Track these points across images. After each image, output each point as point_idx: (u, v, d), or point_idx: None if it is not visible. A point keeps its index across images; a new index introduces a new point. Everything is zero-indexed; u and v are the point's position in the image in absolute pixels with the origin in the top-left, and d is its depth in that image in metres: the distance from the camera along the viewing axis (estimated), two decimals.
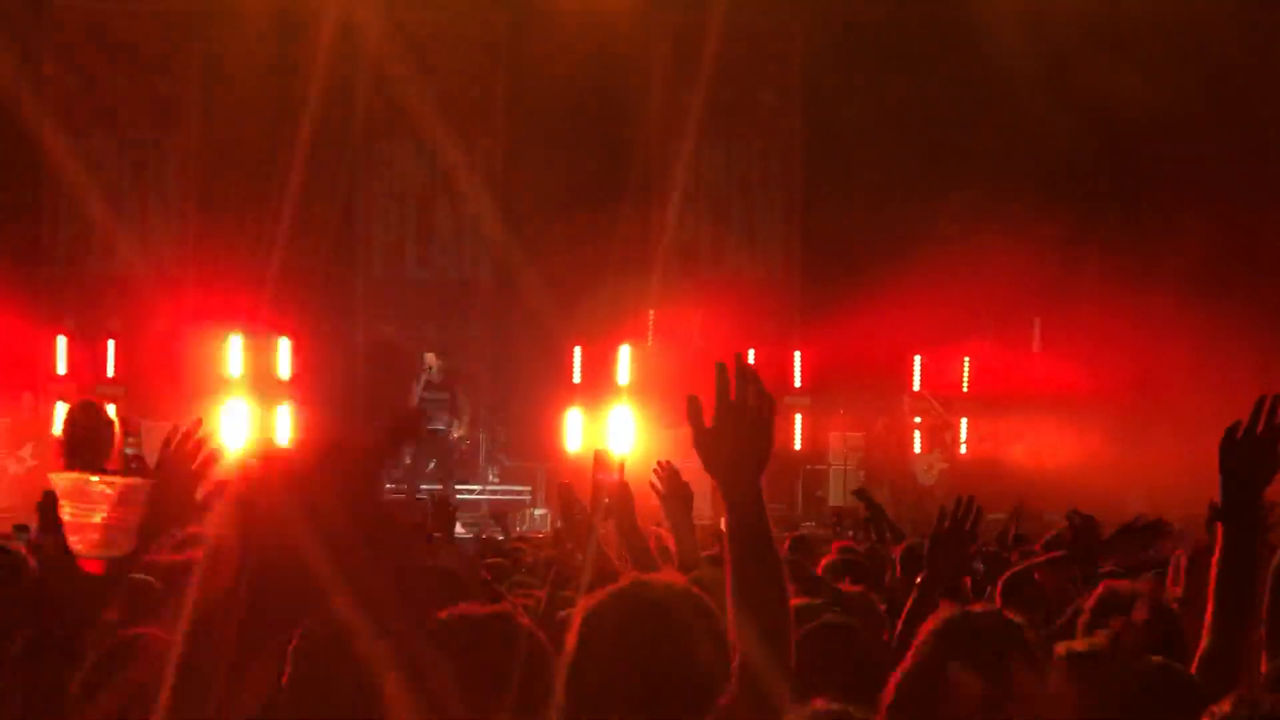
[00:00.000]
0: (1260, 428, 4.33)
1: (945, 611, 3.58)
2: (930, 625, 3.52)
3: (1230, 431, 4.35)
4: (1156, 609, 4.92)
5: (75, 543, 2.85)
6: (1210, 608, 4.37)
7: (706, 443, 3.34)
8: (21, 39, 21.68)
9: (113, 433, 8.17)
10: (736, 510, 3.32)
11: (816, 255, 23.58)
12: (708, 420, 3.34)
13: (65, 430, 8.09)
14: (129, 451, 8.78)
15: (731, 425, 3.32)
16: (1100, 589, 5.07)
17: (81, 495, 2.89)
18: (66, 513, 2.88)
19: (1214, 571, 4.40)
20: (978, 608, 3.63)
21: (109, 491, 2.92)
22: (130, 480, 2.98)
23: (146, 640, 5.08)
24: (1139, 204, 21.91)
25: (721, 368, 3.33)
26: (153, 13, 23.15)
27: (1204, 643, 4.32)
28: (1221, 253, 21.13)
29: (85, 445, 7.90)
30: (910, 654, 3.49)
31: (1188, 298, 20.69)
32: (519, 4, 22.77)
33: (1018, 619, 3.56)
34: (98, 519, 2.93)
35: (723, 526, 3.43)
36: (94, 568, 2.90)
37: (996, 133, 22.14)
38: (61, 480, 2.86)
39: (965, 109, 22.25)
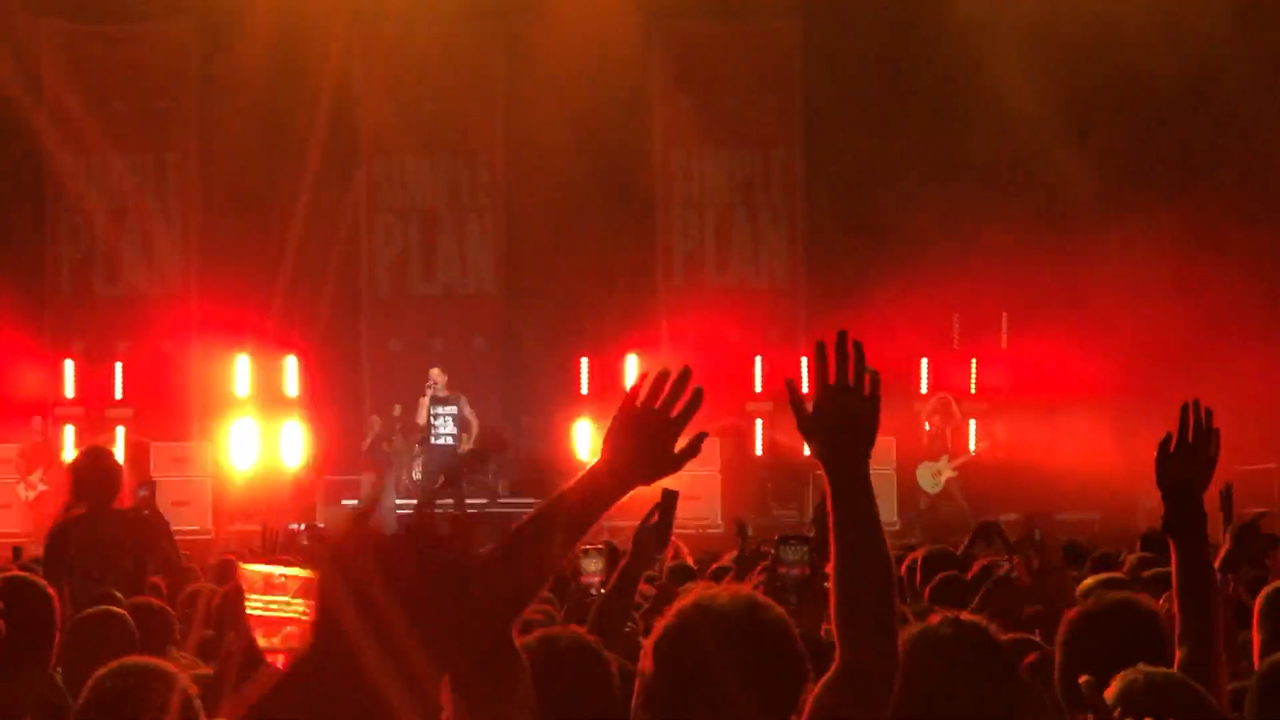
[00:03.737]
0: (1190, 436, 4.35)
1: (911, 628, 3.52)
2: (901, 643, 3.47)
3: (1163, 446, 4.36)
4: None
5: (267, 637, 2.79)
6: (1178, 619, 4.39)
7: (809, 426, 3.23)
8: (24, 60, 21.70)
9: (120, 476, 8.31)
10: (844, 495, 3.20)
11: (821, 261, 23.57)
12: (809, 403, 3.23)
13: (72, 474, 8.22)
14: (142, 493, 8.87)
15: (832, 405, 3.22)
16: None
17: (271, 588, 2.84)
18: (256, 607, 2.81)
19: (1174, 584, 4.44)
20: (935, 618, 3.57)
21: (297, 583, 2.88)
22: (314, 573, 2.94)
23: None
24: (1139, 203, 21.88)
25: (820, 346, 3.23)
26: (155, 32, 23.18)
27: (1179, 653, 4.32)
28: (1223, 246, 21.15)
29: (93, 488, 8.02)
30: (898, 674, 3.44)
31: (1187, 290, 20.76)
32: (517, 16, 22.79)
33: (983, 624, 3.51)
34: (292, 611, 2.88)
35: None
36: (280, 663, 2.84)
37: (996, 137, 22.14)
38: (250, 574, 2.80)
39: (965, 113, 22.26)
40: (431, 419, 21.38)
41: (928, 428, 22.19)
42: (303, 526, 15.87)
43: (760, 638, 3.02)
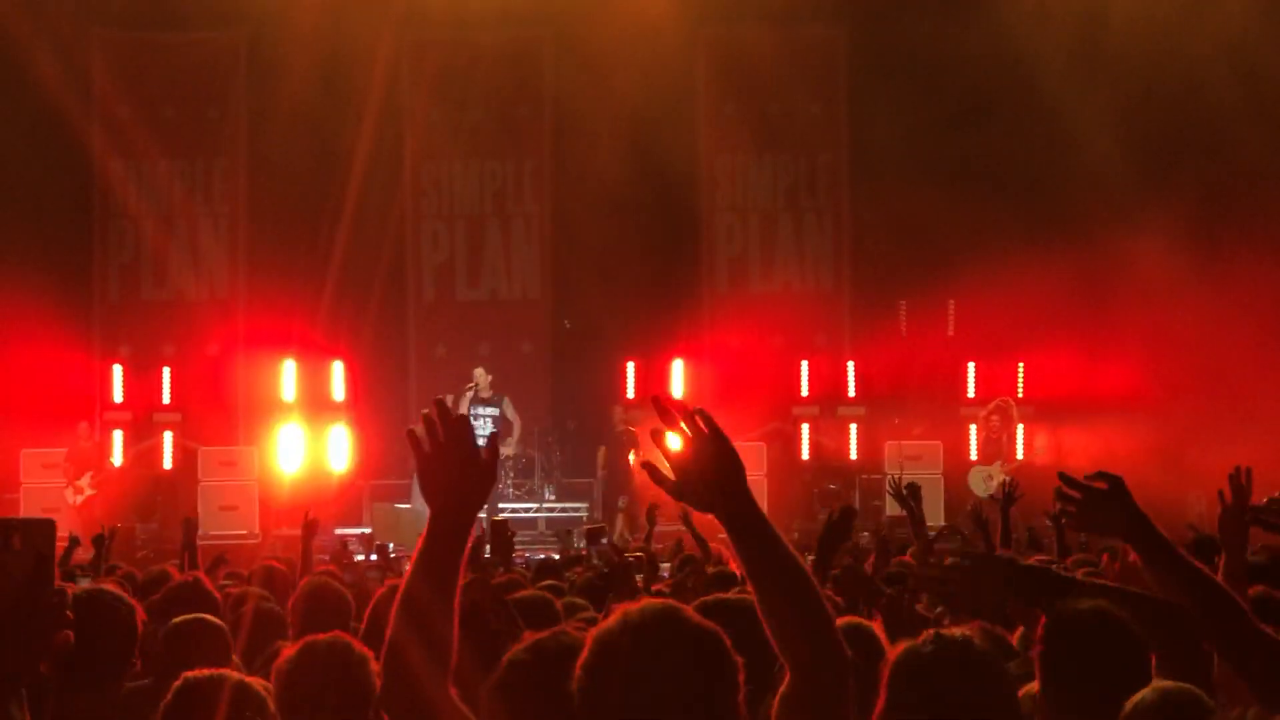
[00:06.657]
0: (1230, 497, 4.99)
1: (896, 647, 3.52)
2: (891, 660, 3.45)
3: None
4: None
5: None
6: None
7: (681, 490, 3.24)
8: (74, 67, 21.86)
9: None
10: (742, 533, 3.21)
11: (866, 266, 23.52)
12: (670, 471, 3.26)
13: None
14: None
15: (686, 463, 3.24)
16: None
17: None
18: None
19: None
20: (927, 634, 3.56)
21: None
22: None
23: None
24: (1191, 205, 21.73)
25: (655, 431, 3.27)
26: (204, 40, 23.28)
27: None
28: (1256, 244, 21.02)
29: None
30: (880, 694, 3.43)
31: (1241, 294, 20.59)
32: (563, 21, 22.81)
33: (969, 637, 3.49)
34: None
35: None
36: None
37: (1043, 138, 22.05)
38: None
39: (1010, 117, 22.14)
40: (471, 420, 21.27)
41: (974, 430, 22.12)
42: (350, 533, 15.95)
43: (682, 647, 2.99)
